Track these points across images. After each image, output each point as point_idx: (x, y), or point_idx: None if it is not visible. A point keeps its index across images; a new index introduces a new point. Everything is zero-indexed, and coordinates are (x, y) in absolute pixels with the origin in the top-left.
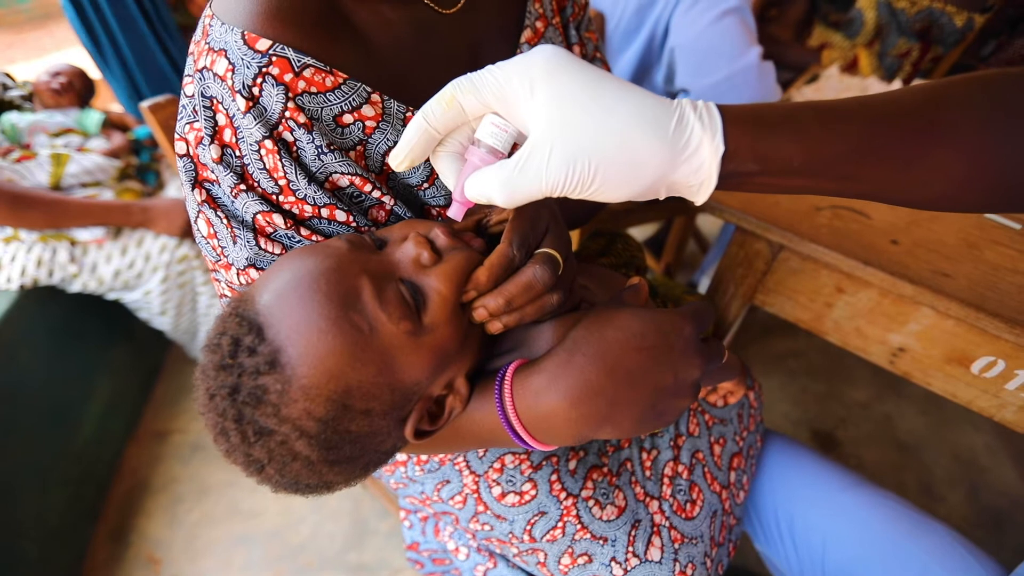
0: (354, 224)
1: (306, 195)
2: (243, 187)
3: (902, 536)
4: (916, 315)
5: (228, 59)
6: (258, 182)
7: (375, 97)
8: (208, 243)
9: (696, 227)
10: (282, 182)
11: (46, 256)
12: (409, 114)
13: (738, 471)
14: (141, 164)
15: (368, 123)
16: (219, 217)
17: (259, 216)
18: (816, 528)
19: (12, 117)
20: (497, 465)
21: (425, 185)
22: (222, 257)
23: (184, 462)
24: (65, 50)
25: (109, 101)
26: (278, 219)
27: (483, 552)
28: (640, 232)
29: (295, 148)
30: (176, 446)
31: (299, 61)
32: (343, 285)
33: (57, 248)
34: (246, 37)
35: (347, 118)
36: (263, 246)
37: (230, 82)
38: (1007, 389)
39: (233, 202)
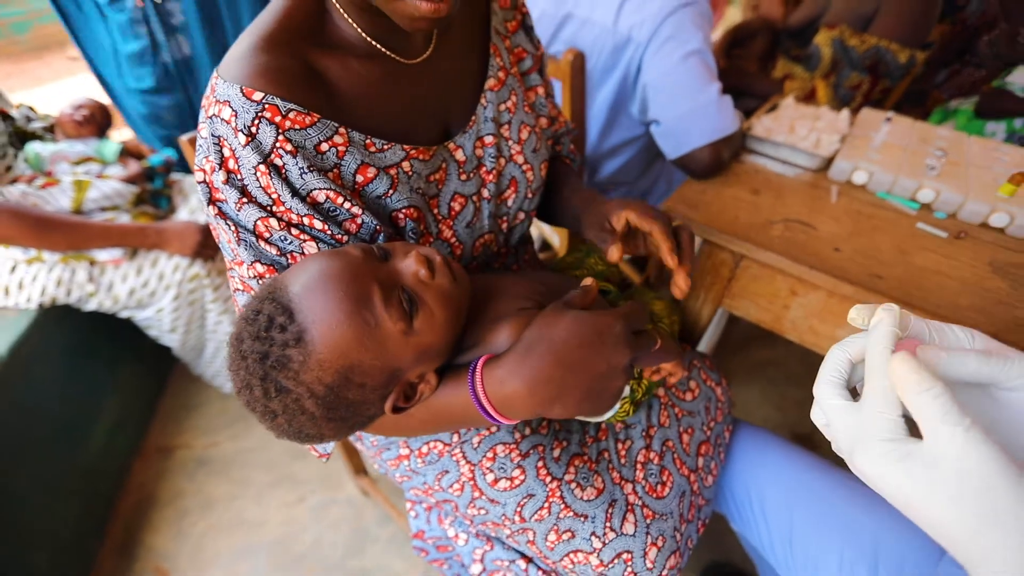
0: (328, 232)
1: (291, 207)
2: (245, 201)
3: (859, 510)
4: None
5: (231, 107)
6: (255, 197)
7: (342, 130)
8: (226, 247)
9: None
10: (274, 195)
11: (65, 276)
12: (368, 141)
13: (706, 457)
14: (154, 190)
15: (340, 149)
16: (228, 226)
17: (258, 223)
18: (784, 506)
19: (36, 147)
20: (490, 455)
21: (390, 192)
22: (236, 256)
23: (189, 477)
24: (63, 80)
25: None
26: (273, 223)
27: (481, 537)
28: None
29: (283, 170)
30: (181, 461)
31: (284, 107)
32: (359, 288)
33: (76, 268)
34: (244, 91)
35: (324, 146)
36: (262, 247)
37: (233, 124)
38: None
39: (238, 214)
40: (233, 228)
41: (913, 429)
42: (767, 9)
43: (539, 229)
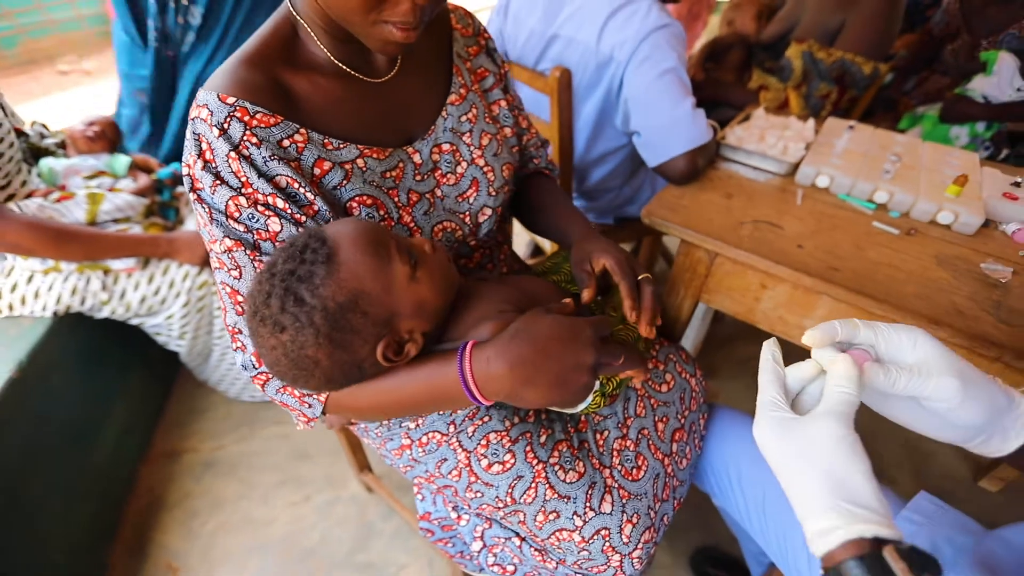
0: (289, 212)
1: (257, 187)
2: (218, 184)
3: None
4: (819, 303)
5: (208, 108)
6: (227, 180)
7: (302, 131)
8: (203, 230)
9: (664, 246)
10: (243, 179)
11: (80, 285)
12: (326, 140)
13: (680, 443)
14: (163, 202)
15: (300, 145)
16: (204, 209)
17: (229, 203)
18: (758, 479)
19: (49, 162)
20: (483, 442)
21: (344, 183)
22: (211, 235)
23: (197, 479)
24: (52, 94)
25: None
26: (242, 201)
27: (480, 516)
28: None
29: (250, 158)
30: (188, 464)
31: (252, 109)
32: (382, 236)
33: (91, 277)
34: (219, 96)
35: (285, 142)
36: (231, 224)
37: (209, 121)
38: None
39: (212, 197)
40: (208, 210)
41: None
42: (741, 24)
43: (530, 235)
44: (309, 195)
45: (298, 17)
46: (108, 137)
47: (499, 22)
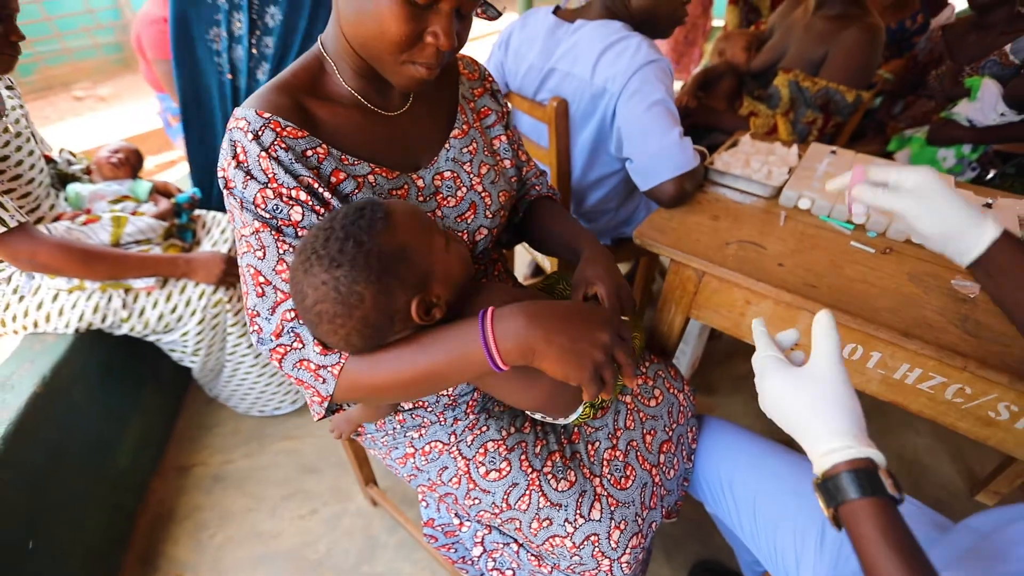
0: (310, 203)
1: (283, 182)
2: (249, 179)
3: (809, 485)
4: (799, 317)
5: (246, 120)
6: (256, 176)
7: (323, 146)
8: (236, 218)
9: (662, 265)
10: (270, 175)
11: (102, 303)
12: (343, 156)
13: (667, 454)
14: (181, 224)
15: (320, 156)
16: (235, 200)
17: (258, 195)
18: (748, 485)
19: (76, 187)
20: (482, 451)
21: (356, 192)
22: (242, 223)
23: (206, 492)
24: (67, 120)
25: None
26: (268, 193)
27: (480, 523)
28: None
29: (278, 159)
30: (198, 478)
31: (283, 123)
32: (425, 212)
33: (112, 295)
34: (256, 111)
35: (308, 152)
36: (258, 211)
37: (246, 129)
38: (868, 368)
39: (243, 191)
40: (238, 201)
41: None
42: (732, 55)
43: (532, 255)
44: (326, 195)
45: (326, 55)
46: (131, 164)
47: (500, 56)
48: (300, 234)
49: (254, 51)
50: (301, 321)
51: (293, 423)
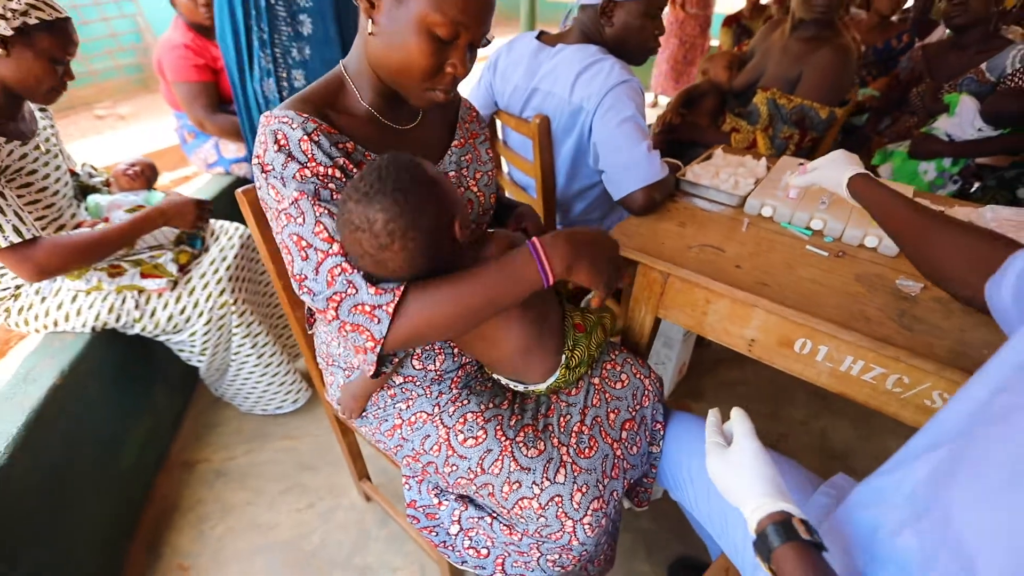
0: (344, 180)
1: (320, 161)
2: (289, 160)
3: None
4: (753, 314)
5: (288, 115)
6: (296, 157)
7: (351, 143)
8: (270, 195)
9: None
10: (309, 155)
11: (117, 303)
12: (367, 152)
13: (630, 431)
14: (190, 232)
15: (348, 148)
16: (276, 179)
17: (297, 172)
18: (705, 473)
19: (95, 198)
20: (461, 420)
21: None
22: (278, 198)
23: (209, 486)
24: (89, 137)
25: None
26: (307, 172)
27: (458, 500)
28: None
29: (319, 142)
30: (202, 473)
31: (319, 123)
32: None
33: (127, 296)
34: (296, 111)
35: (339, 145)
36: (299, 187)
37: (288, 122)
38: (817, 360)
39: (283, 170)
40: (280, 179)
41: None
42: (715, 75)
43: None
44: (356, 173)
45: (347, 76)
46: (146, 176)
47: (489, 77)
48: (335, 199)
49: (284, 83)
50: (351, 272)
51: (293, 423)
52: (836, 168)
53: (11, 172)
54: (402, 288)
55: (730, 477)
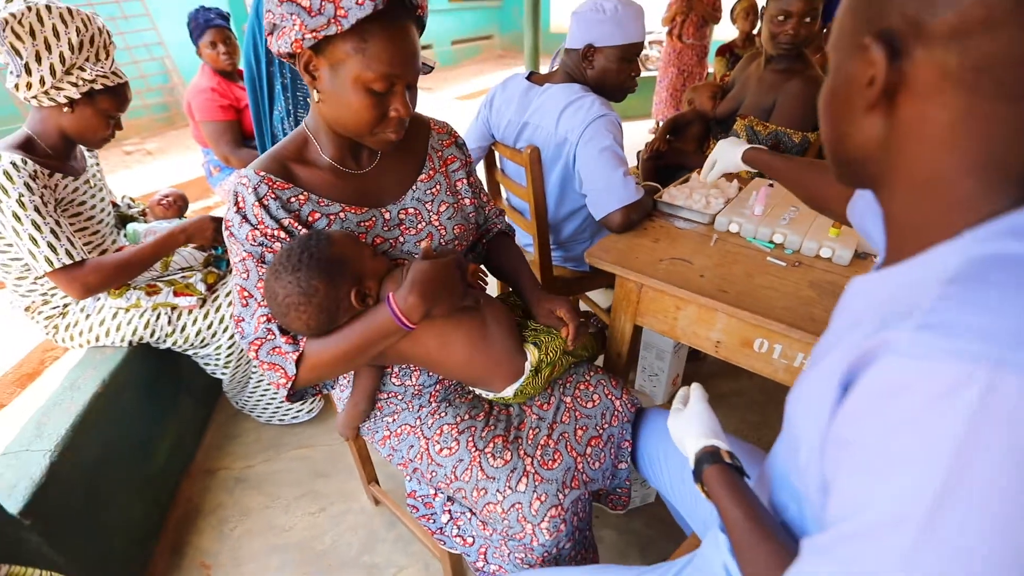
0: (287, 240)
1: (268, 224)
2: (243, 221)
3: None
4: (717, 318)
5: (248, 177)
6: (249, 219)
7: (304, 193)
8: (232, 248)
9: None
10: (259, 218)
11: (152, 319)
12: (320, 200)
13: (595, 448)
14: (217, 256)
15: (301, 201)
16: (233, 238)
17: (248, 233)
18: (677, 458)
19: (133, 226)
20: (439, 432)
21: (328, 225)
22: (235, 253)
23: (229, 492)
24: (117, 172)
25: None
26: (256, 233)
27: (445, 493)
28: (603, 296)
29: (268, 207)
30: (223, 480)
31: (274, 180)
32: (356, 237)
33: (161, 313)
34: (255, 171)
35: (292, 200)
36: (247, 245)
37: (247, 184)
38: (773, 358)
39: (239, 229)
40: (234, 239)
41: None
42: (700, 103)
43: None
44: (303, 232)
45: (309, 132)
46: (178, 206)
47: (485, 112)
48: None
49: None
50: (273, 321)
51: (308, 433)
52: (730, 152)
53: (65, 203)
54: (303, 341)
55: (681, 427)
